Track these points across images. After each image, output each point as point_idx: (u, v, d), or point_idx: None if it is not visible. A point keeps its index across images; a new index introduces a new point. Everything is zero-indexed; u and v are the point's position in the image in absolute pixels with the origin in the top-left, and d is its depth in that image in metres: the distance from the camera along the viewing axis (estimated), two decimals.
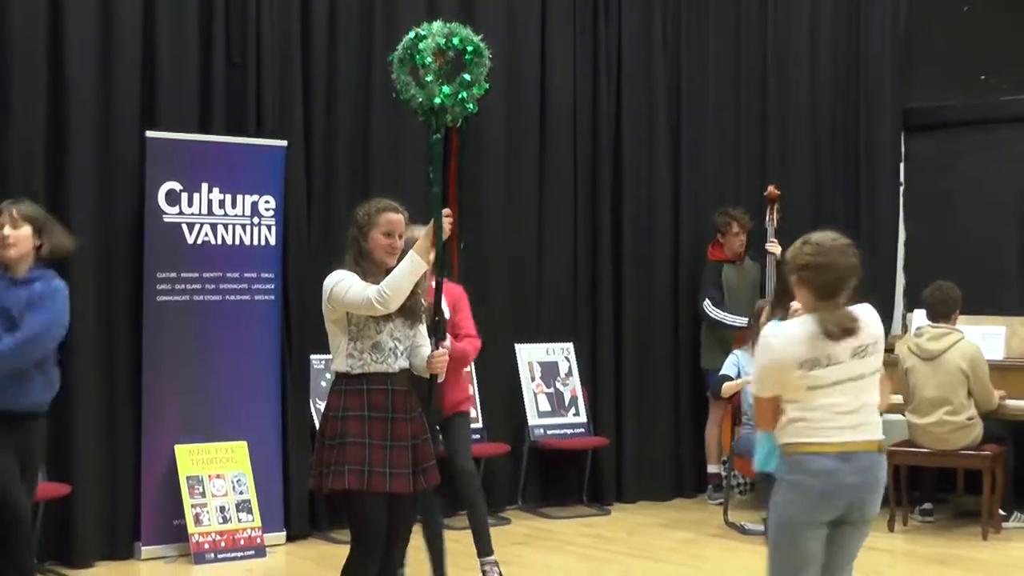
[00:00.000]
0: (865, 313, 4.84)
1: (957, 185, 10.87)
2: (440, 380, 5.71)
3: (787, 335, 4.80)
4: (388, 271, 5.40)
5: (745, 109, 10.92)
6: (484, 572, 6.95)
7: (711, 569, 7.82)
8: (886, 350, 9.64)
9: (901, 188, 11.22)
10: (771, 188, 10.10)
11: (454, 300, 6.80)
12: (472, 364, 7.39)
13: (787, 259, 4.93)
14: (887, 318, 10.89)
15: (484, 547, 6.99)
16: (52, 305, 5.87)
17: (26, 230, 5.84)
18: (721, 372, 8.78)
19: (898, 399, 8.71)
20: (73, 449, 7.62)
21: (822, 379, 4.72)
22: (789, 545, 4.72)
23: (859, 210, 11.15)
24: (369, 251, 5.53)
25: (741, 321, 9.60)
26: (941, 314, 8.76)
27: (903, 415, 8.88)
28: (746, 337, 9.06)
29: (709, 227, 10.20)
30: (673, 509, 9.76)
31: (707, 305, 9.96)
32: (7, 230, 5.84)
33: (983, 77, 11.83)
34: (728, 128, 10.84)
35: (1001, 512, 8.83)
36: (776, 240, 9.94)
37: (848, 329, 4.71)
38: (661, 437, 10.22)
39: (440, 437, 6.86)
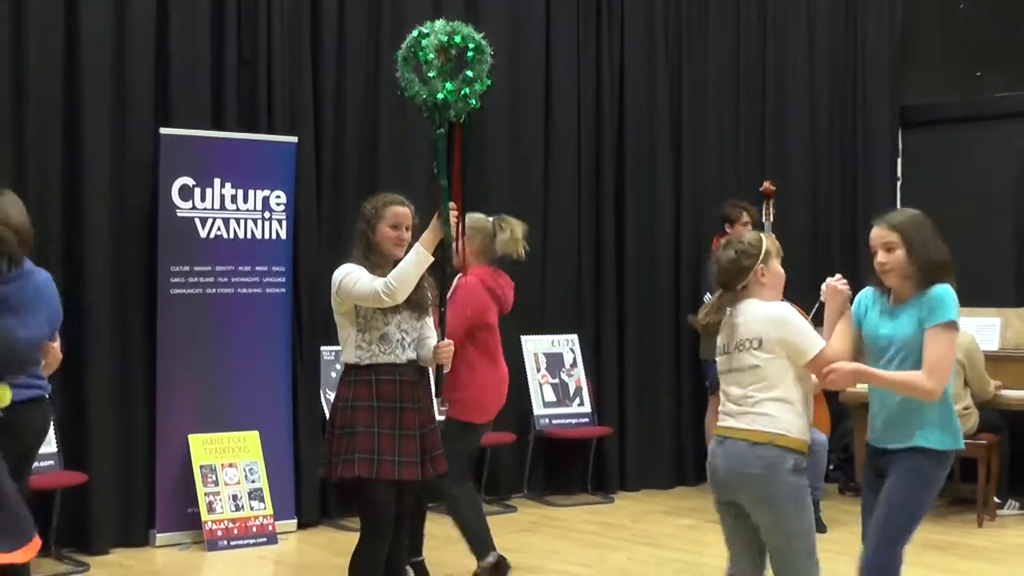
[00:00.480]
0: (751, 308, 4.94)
1: (953, 180, 10.86)
2: (446, 371, 5.70)
3: None
4: (396, 263, 5.41)
5: (745, 105, 10.92)
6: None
7: (712, 554, 7.79)
8: None
9: (898, 183, 11.23)
10: (767, 184, 10.06)
11: (464, 295, 6.81)
12: None
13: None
14: None
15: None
16: None
17: None
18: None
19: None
20: (89, 439, 7.64)
21: (721, 364, 5.01)
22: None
23: (856, 205, 11.14)
24: (377, 244, 5.53)
25: None
26: None
27: None
28: None
29: (715, 219, 10.16)
30: (675, 497, 9.77)
31: (708, 298, 9.92)
32: None
33: (978, 74, 11.82)
34: (728, 125, 10.85)
35: (996, 500, 8.85)
36: (772, 235, 9.92)
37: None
38: (663, 426, 10.23)
39: None
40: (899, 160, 11.24)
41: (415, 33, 5.62)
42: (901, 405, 4.77)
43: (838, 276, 5.01)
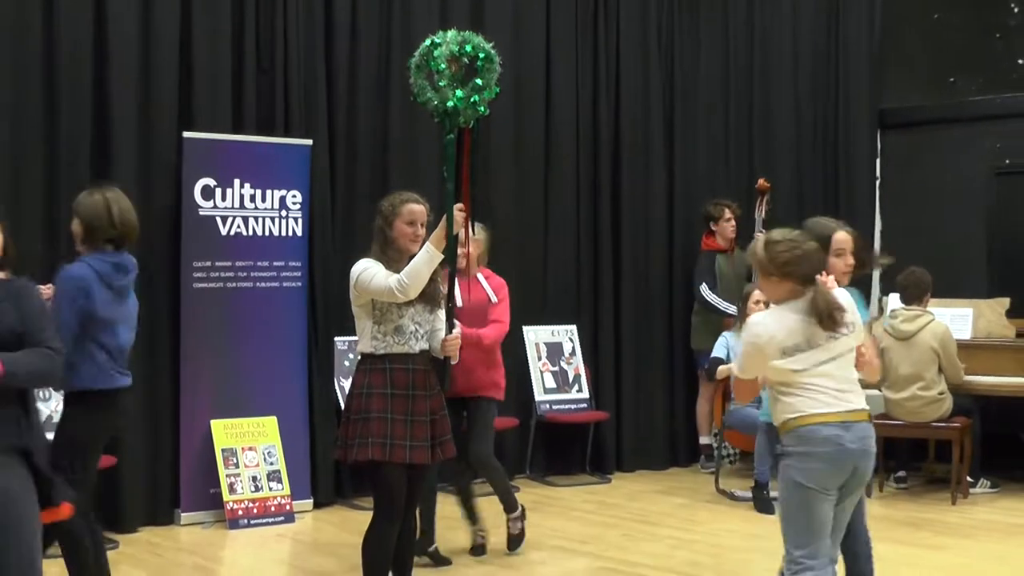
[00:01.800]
0: (843, 298, 4.84)
1: (928, 179, 10.86)
2: (454, 362, 5.71)
3: (770, 323, 4.82)
4: (411, 258, 5.42)
5: (733, 109, 10.94)
6: (508, 526, 7.12)
7: (704, 531, 7.84)
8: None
9: (877, 182, 11.21)
10: (761, 181, 10.13)
11: (496, 289, 7.09)
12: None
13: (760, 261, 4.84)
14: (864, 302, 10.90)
15: (508, 504, 7.13)
16: None
17: None
18: (713, 354, 8.81)
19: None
20: None
21: (808, 360, 4.70)
22: (807, 512, 4.70)
23: (838, 203, 11.12)
24: (393, 239, 5.53)
25: (732, 309, 9.62)
26: (914, 297, 8.78)
27: (880, 390, 8.89)
28: (732, 322, 9.12)
29: (702, 218, 10.22)
30: (669, 477, 9.79)
31: (703, 289, 9.97)
32: None
33: (952, 80, 11.82)
34: (718, 127, 10.86)
35: (969, 479, 8.86)
36: (764, 231, 9.95)
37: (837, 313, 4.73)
38: (657, 411, 10.24)
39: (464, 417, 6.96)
40: (878, 160, 11.23)
41: (428, 42, 5.61)
42: None
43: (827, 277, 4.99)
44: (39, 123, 7.51)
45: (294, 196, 8.37)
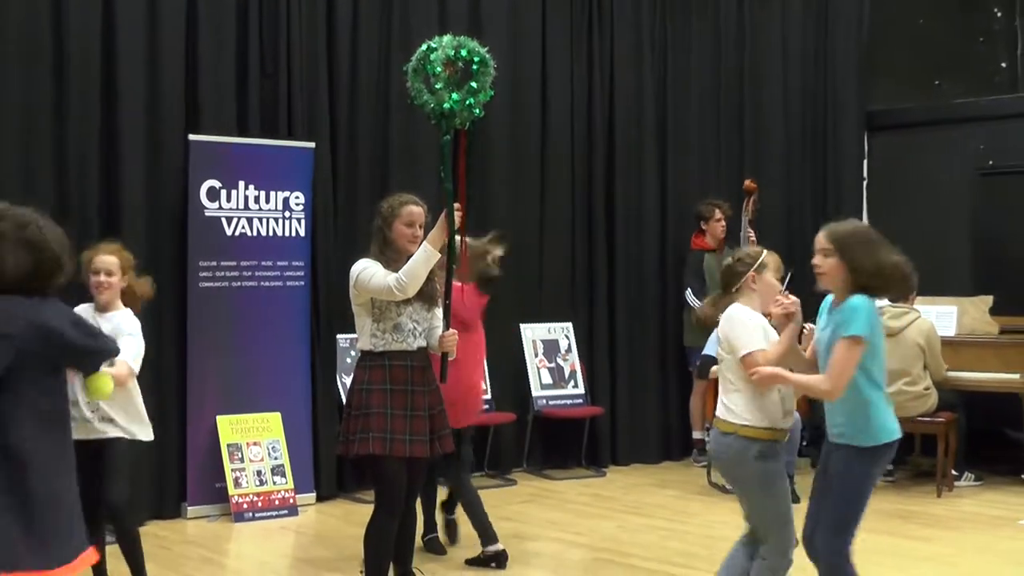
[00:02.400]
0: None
1: (914, 180, 10.86)
2: (451, 358, 5.70)
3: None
4: (409, 258, 5.41)
5: (724, 113, 10.93)
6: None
7: (696, 523, 7.84)
8: None
9: (864, 182, 11.21)
10: (748, 182, 10.14)
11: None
12: None
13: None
14: None
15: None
16: None
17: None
18: (704, 351, 8.81)
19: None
20: None
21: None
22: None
23: (826, 202, 11.14)
24: (392, 240, 5.53)
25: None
26: (901, 295, 8.76)
27: None
28: None
29: (693, 218, 10.21)
30: (662, 471, 9.78)
31: (688, 295, 9.98)
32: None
33: (937, 82, 11.85)
34: (709, 130, 10.86)
35: (954, 472, 8.86)
36: (751, 230, 9.98)
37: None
38: (651, 407, 10.24)
39: None
40: (865, 161, 11.23)
41: (424, 47, 5.60)
42: (840, 404, 4.76)
43: (791, 300, 4.99)
44: (48, 128, 7.50)
45: (297, 197, 8.37)
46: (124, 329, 5.49)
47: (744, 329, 4.90)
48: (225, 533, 7.56)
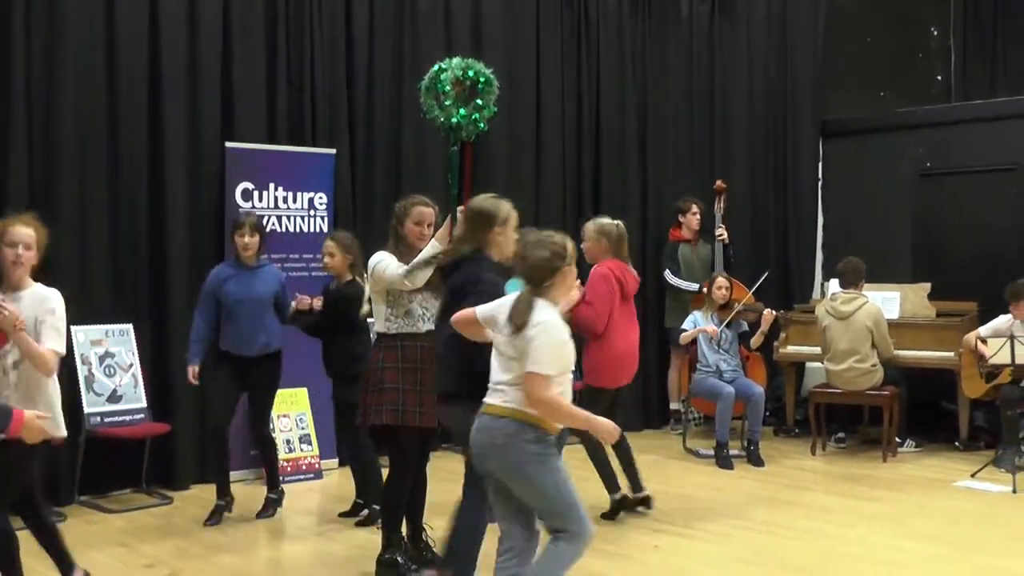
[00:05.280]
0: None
1: (862, 180, 10.84)
2: None
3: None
4: (419, 252, 5.41)
5: (697, 122, 10.90)
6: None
7: (674, 483, 7.85)
8: (808, 311, 9.78)
9: (819, 183, 11.20)
10: (719, 182, 10.14)
11: None
12: None
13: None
14: (809, 287, 10.92)
15: None
16: None
17: None
18: (682, 327, 8.82)
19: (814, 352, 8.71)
20: (172, 396, 7.64)
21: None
22: None
23: (786, 201, 11.13)
24: (404, 236, 5.53)
25: (693, 287, 9.66)
26: (851, 282, 8.77)
27: (822, 363, 8.91)
28: (700, 301, 9.12)
29: (670, 213, 10.20)
30: (642, 438, 9.73)
31: (667, 274, 9.98)
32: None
33: (882, 94, 11.85)
34: (684, 136, 10.83)
35: (897, 440, 8.86)
36: (723, 225, 9.99)
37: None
38: (633, 380, 10.19)
39: None
40: (820, 164, 11.21)
41: (435, 68, 5.59)
42: None
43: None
44: (102, 137, 7.47)
45: (320, 198, 8.35)
46: (48, 306, 4.69)
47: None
48: (259, 495, 7.52)
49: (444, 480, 6.98)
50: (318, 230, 8.29)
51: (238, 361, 6.76)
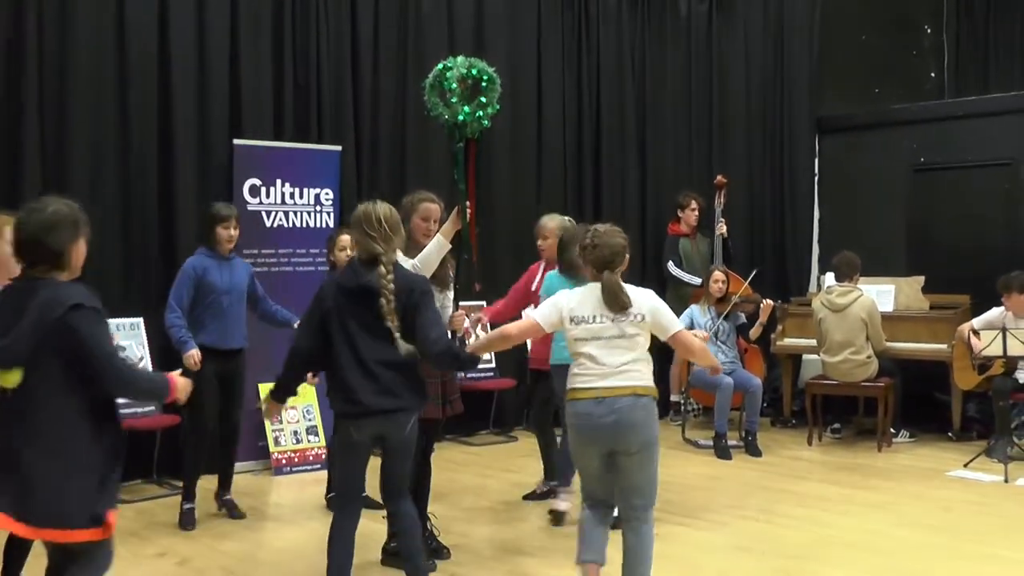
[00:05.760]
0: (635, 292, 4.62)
1: (857, 175, 10.84)
2: (459, 335, 5.68)
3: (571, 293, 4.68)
4: (424, 248, 5.40)
5: (696, 118, 10.90)
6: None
7: (673, 472, 7.82)
8: (805, 304, 9.77)
9: (815, 178, 11.20)
10: (719, 177, 10.13)
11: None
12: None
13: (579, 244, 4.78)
14: (805, 280, 10.92)
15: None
16: None
17: None
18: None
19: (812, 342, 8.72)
20: None
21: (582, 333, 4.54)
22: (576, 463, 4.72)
23: (783, 196, 11.14)
24: (411, 231, 5.52)
25: (696, 280, 9.65)
26: (846, 276, 8.77)
27: (818, 355, 8.91)
28: (699, 296, 9.12)
29: (670, 208, 10.20)
30: None
31: (670, 266, 9.97)
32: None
33: (876, 91, 11.84)
34: (683, 133, 10.84)
35: (891, 430, 8.86)
36: (723, 219, 9.98)
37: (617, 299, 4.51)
38: None
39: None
40: (816, 160, 11.21)
41: (440, 66, 5.56)
42: None
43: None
44: (113, 134, 7.48)
45: (326, 194, 8.35)
46: None
47: None
48: (267, 485, 7.57)
49: (446, 470, 7.04)
50: (324, 225, 8.29)
51: (219, 355, 6.44)
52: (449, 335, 5.62)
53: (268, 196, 8.09)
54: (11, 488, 3.54)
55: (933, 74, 12.46)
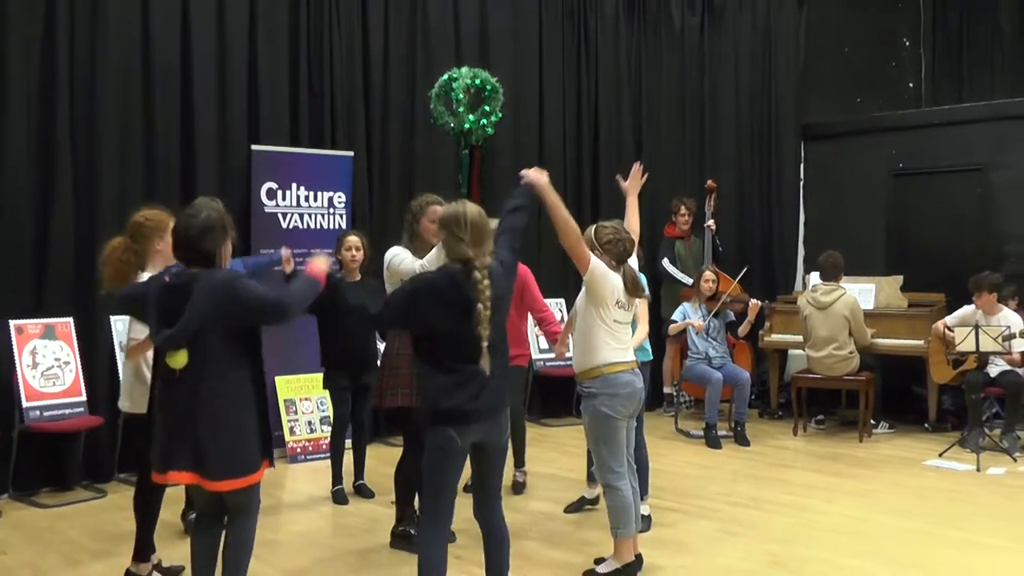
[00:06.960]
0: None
1: (840, 180, 10.83)
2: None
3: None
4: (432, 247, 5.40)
5: (688, 124, 10.90)
6: (515, 477, 6.96)
7: (665, 462, 7.84)
8: (791, 302, 9.77)
9: (801, 182, 11.18)
10: (710, 182, 10.12)
11: (523, 278, 6.56)
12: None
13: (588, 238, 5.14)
14: (791, 279, 10.91)
15: (517, 460, 7.00)
16: None
17: None
18: (672, 318, 8.82)
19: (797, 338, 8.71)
20: None
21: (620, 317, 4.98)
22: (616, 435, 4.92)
23: (771, 199, 11.11)
24: (419, 232, 5.51)
25: (688, 280, 9.64)
26: (830, 275, 8.77)
27: (804, 350, 8.91)
28: (690, 294, 9.12)
29: (664, 211, 10.20)
30: None
31: (665, 263, 9.96)
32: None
33: (858, 99, 11.81)
34: (676, 138, 10.84)
35: (872, 421, 8.87)
36: (713, 221, 9.97)
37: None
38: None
39: None
40: (802, 165, 11.19)
41: (446, 77, 5.59)
42: None
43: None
44: (138, 141, 7.48)
45: (339, 197, 8.35)
46: None
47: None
48: (283, 471, 7.58)
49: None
50: (337, 227, 8.29)
51: None
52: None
53: (284, 199, 8.10)
54: (188, 451, 3.86)
55: (911, 84, 12.43)
